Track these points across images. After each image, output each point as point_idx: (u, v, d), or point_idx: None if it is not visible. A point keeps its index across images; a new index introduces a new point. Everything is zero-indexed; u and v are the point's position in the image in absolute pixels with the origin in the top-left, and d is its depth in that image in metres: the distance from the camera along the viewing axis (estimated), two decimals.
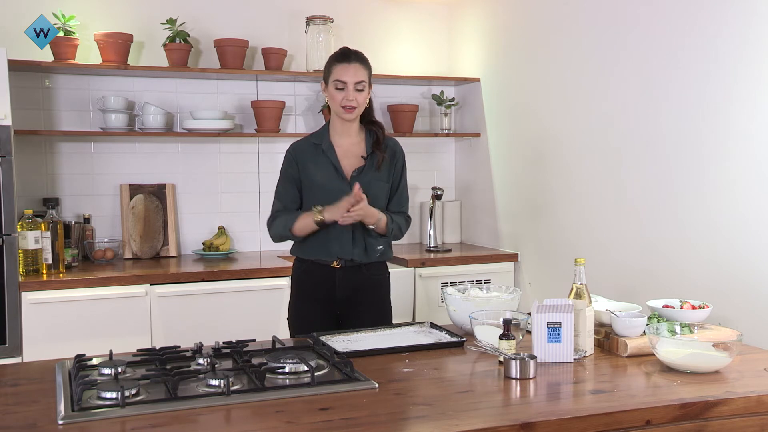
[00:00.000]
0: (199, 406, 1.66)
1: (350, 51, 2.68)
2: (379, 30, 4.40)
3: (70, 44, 3.61)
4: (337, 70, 2.64)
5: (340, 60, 2.65)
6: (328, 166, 2.68)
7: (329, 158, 2.68)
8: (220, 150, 4.10)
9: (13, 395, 1.80)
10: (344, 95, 2.62)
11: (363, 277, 2.71)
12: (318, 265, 2.70)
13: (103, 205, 3.89)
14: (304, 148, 2.73)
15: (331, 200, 2.60)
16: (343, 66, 2.63)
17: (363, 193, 2.55)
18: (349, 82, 2.61)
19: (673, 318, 2.18)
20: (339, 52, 2.69)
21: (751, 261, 2.58)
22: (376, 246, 2.71)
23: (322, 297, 2.70)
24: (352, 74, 2.62)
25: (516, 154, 3.96)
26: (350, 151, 2.72)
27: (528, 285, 3.90)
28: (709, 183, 2.75)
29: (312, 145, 2.72)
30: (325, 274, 2.69)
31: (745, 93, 2.60)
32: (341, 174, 2.67)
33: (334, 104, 2.66)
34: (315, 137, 2.75)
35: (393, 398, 1.74)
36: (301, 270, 2.75)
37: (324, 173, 2.67)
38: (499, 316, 2.16)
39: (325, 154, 2.69)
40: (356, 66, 2.64)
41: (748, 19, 2.59)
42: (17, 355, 3.14)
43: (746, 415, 1.75)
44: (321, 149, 2.70)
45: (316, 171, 2.68)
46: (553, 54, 3.62)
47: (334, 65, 2.65)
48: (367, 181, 2.66)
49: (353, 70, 2.63)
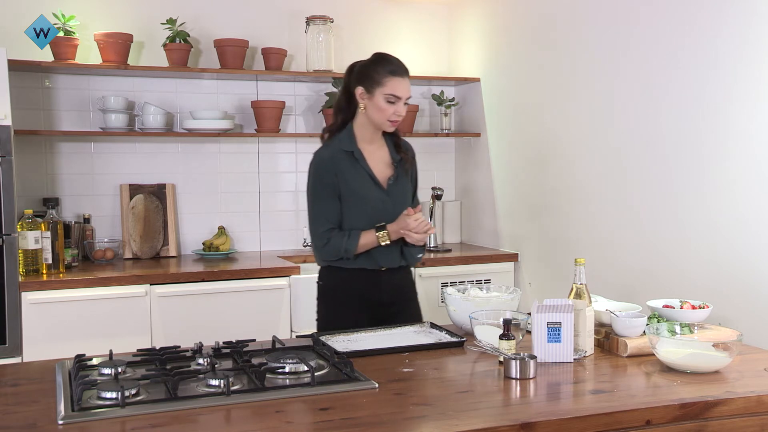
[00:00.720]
0: (199, 406, 1.66)
1: (402, 63, 2.59)
2: (379, 30, 4.40)
3: (70, 44, 3.61)
4: (391, 83, 2.54)
5: (395, 73, 2.55)
6: (363, 175, 2.60)
7: (363, 167, 2.60)
8: (220, 150, 4.10)
9: (13, 395, 1.80)
10: (395, 109, 2.55)
11: (402, 278, 2.70)
12: (363, 270, 2.62)
13: (103, 205, 3.89)
14: (339, 157, 2.59)
15: (369, 210, 2.57)
16: (398, 80, 2.55)
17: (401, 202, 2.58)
18: (403, 97, 2.55)
19: (673, 318, 2.18)
20: (394, 66, 2.58)
21: (751, 261, 2.58)
22: (416, 254, 2.71)
23: (365, 301, 2.62)
24: (406, 89, 2.56)
25: (516, 154, 3.96)
26: (377, 157, 2.65)
27: (528, 285, 3.90)
28: (709, 183, 2.75)
29: (343, 152, 2.60)
30: (369, 278, 2.62)
31: (744, 93, 2.60)
32: (377, 182, 2.61)
33: (379, 115, 2.56)
34: (344, 144, 2.61)
35: (393, 398, 1.73)
36: (340, 278, 2.64)
37: (361, 182, 2.59)
38: (499, 316, 2.16)
39: (358, 162, 2.60)
40: (407, 80, 2.58)
41: (748, 19, 2.58)
42: (17, 355, 3.14)
43: (746, 415, 1.75)
44: (354, 157, 2.60)
45: (353, 180, 2.59)
46: (553, 54, 3.62)
47: (388, 78, 2.54)
48: (401, 188, 2.65)
49: (407, 85, 2.57)
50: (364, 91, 2.57)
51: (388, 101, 2.54)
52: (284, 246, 4.24)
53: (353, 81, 2.60)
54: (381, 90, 2.54)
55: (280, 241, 4.23)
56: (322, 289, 2.72)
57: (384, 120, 2.57)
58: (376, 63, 2.59)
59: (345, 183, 2.58)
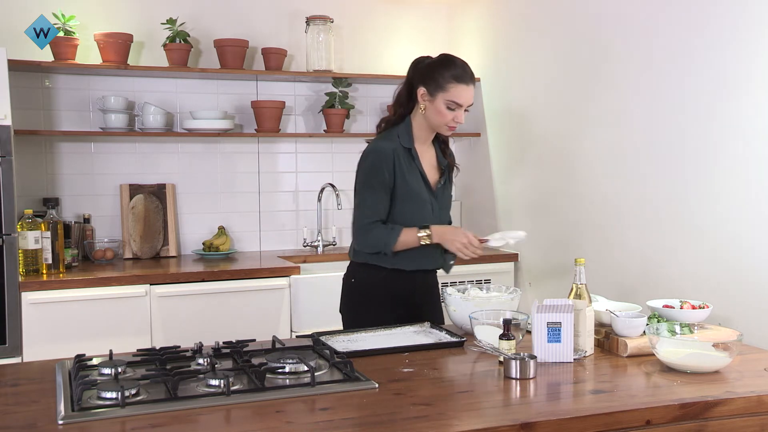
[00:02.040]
0: (199, 406, 1.66)
1: (468, 69, 2.53)
2: (379, 30, 4.40)
3: (70, 44, 3.61)
4: (455, 90, 2.47)
5: (459, 80, 2.48)
6: (417, 175, 2.57)
7: (417, 166, 2.57)
8: (220, 150, 4.10)
9: (13, 395, 1.80)
10: (454, 116, 2.50)
11: (432, 279, 2.70)
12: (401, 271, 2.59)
13: (103, 205, 3.89)
14: (399, 153, 2.54)
15: (417, 211, 2.55)
16: (462, 87, 2.48)
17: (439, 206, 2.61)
18: (465, 104, 2.50)
19: (673, 318, 2.18)
20: (459, 71, 2.51)
21: (751, 261, 2.58)
22: (450, 261, 2.72)
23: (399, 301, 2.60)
24: (469, 97, 2.50)
25: (516, 154, 3.96)
26: (426, 158, 2.62)
27: (528, 285, 3.90)
28: (709, 183, 2.75)
29: (403, 148, 2.55)
30: (406, 278, 2.60)
31: (744, 93, 2.60)
32: (428, 185, 2.59)
33: (438, 119, 2.51)
34: (403, 140, 2.56)
35: (393, 398, 1.73)
36: (377, 277, 2.60)
37: (416, 182, 2.56)
38: (499, 316, 2.16)
39: (414, 161, 2.57)
40: (471, 88, 2.51)
41: (748, 19, 2.58)
42: (17, 355, 3.14)
43: (746, 415, 1.75)
44: (411, 155, 2.56)
45: (410, 177, 2.55)
46: (553, 54, 3.62)
47: (452, 84, 2.48)
48: (447, 194, 2.65)
49: (470, 92, 2.51)
50: (426, 93, 2.51)
51: (449, 107, 2.49)
52: (284, 246, 4.24)
53: (417, 79, 2.55)
54: (443, 95, 2.48)
55: (280, 241, 4.23)
56: (354, 286, 2.66)
57: (442, 124, 2.53)
58: (441, 65, 2.52)
59: (402, 180, 2.53)
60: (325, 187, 4.22)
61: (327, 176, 4.29)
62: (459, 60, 2.55)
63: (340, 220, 4.33)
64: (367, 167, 2.55)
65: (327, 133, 4.19)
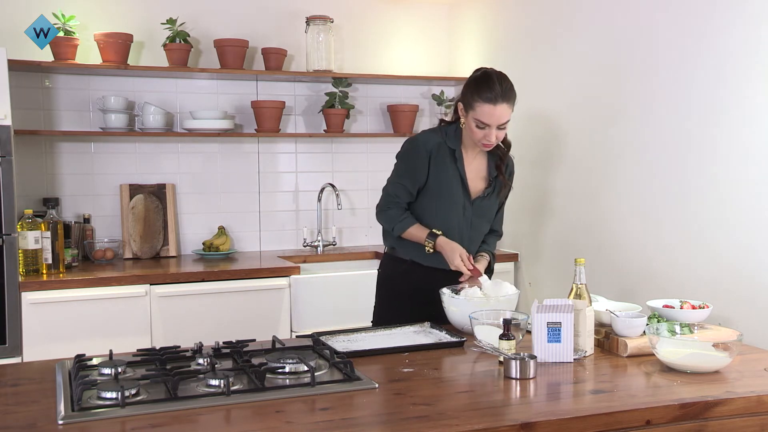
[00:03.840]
0: (199, 406, 1.66)
1: (498, 88, 2.41)
2: (379, 30, 4.40)
3: (70, 44, 3.61)
4: (481, 110, 2.42)
5: (485, 99, 2.40)
6: (456, 176, 2.56)
7: (459, 168, 2.56)
8: (220, 150, 4.10)
9: (13, 395, 1.80)
10: (485, 134, 2.45)
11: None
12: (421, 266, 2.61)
13: (103, 205, 3.89)
14: (440, 148, 2.55)
15: (447, 212, 2.55)
16: (489, 107, 2.41)
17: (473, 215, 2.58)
18: (493, 124, 2.43)
19: (673, 318, 2.18)
20: (486, 88, 2.42)
21: (751, 261, 2.58)
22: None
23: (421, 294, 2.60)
24: (497, 117, 2.42)
25: (516, 154, 3.95)
26: (475, 167, 2.62)
27: (528, 285, 3.90)
28: (709, 183, 2.75)
29: (446, 147, 2.56)
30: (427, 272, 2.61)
31: (743, 93, 2.60)
32: (467, 191, 2.58)
33: (471, 135, 2.50)
34: (450, 140, 2.57)
35: (393, 398, 1.73)
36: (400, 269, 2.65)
37: (452, 181, 2.55)
38: (499, 316, 2.16)
39: (455, 163, 2.56)
40: (502, 107, 2.41)
41: (751, 20, 2.58)
42: (17, 355, 3.14)
43: (746, 415, 1.75)
44: (454, 156, 2.56)
45: (446, 176, 2.54)
46: (554, 54, 3.62)
47: (479, 103, 2.42)
48: (487, 206, 2.63)
49: (499, 112, 2.41)
50: (462, 108, 2.52)
51: (478, 126, 2.46)
52: (284, 246, 4.24)
53: (460, 93, 2.55)
54: (472, 113, 2.46)
55: (280, 241, 4.23)
56: (381, 277, 2.76)
57: (476, 141, 2.51)
58: (474, 83, 2.48)
59: (436, 175, 2.55)
60: (325, 187, 4.22)
61: (327, 176, 4.29)
62: (493, 78, 2.46)
63: (340, 220, 4.33)
64: (402, 153, 2.63)
65: (327, 133, 4.19)
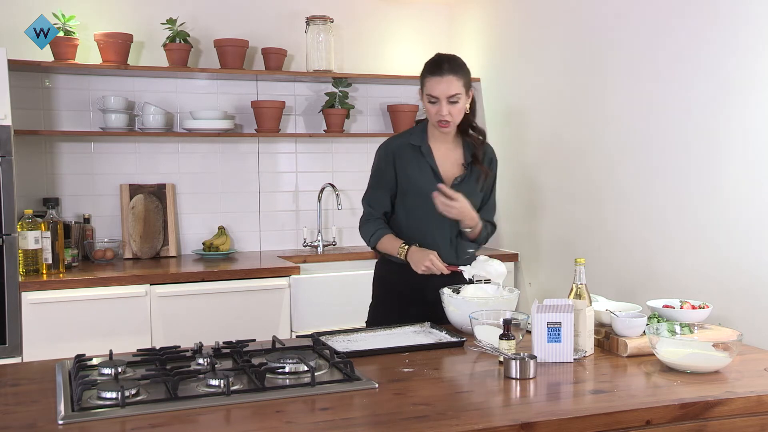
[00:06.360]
0: (199, 406, 1.66)
1: (442, 60, 2.49)
2: (379, 30, 4.40)
3: (70, 44, 3.61)
4: (429, 83, 2.47)
5: (431, 72, 2.47)
6: (426, 169, 2.57)
7: (428, 162, 2.57)
8: (220, 150, 4.10)
9: (13, 395, 1.80)
10: (437, 109, 2.47)
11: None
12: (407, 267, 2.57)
13: (103, 205, 3.89)
14: (403, 148, 2.59)
15: (427, 204, 2.53)
16: (435, 79, 2.46)
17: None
18: (441, 96, 2.45)
19: (673, 318, 2.18)
20: (431, 62, 2.51)
21: (751, 261, 2.58)
22: (467, 249, 2.67)
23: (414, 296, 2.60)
24: (444, 88, 2.45)
25: (516, 154, 3.96)
26: (448, 156, 2.61)
27: (528, 285, 3.90)
28: (709, 183, 2.75)
29: (410, 145, 2.59)
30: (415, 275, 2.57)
31: (742, 92, 2.60)
32: (440, 179, 2.57)
33: (429, 117, 2.54)
34: (413, 138, 2.60)
35: (393, 398, 1.73)
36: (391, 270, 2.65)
37: (423, 176, 2.57)
38: (499, 316, 2.16)
39: (424, 157, 2.57)
40: (449, 78, 2.45)
41: (756, 18, 2.58)
42: (17, 355, 3.14)
43: (746, 415, 1.75)
44: (420, 151, 2.58)
45: (414, 173, 2.57)
46: (553, 54, 3.62)
47: (426, 77, 2.49)
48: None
49: (446, 83, 2.45)
50: (419, 92, 2.56)
51: (429, 101, 2.49)
52: (284, 246, 4.24)
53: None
54: (424, 90, 2.51)
55: (280, 241, 4.23)
56: (375, 278, 2.77)
57: (433, 121, 2.52)
58: (427, 64, 2.54)
59: (405, 175, 2.58)
60: (325, 187, 4.22)
61: (327, 176, 4.29)
62: (443, 55, 2.54)
63: (340, 220, 4.33)
64: (373, 165, 2.69)
65: (327, 133, 4.19)
